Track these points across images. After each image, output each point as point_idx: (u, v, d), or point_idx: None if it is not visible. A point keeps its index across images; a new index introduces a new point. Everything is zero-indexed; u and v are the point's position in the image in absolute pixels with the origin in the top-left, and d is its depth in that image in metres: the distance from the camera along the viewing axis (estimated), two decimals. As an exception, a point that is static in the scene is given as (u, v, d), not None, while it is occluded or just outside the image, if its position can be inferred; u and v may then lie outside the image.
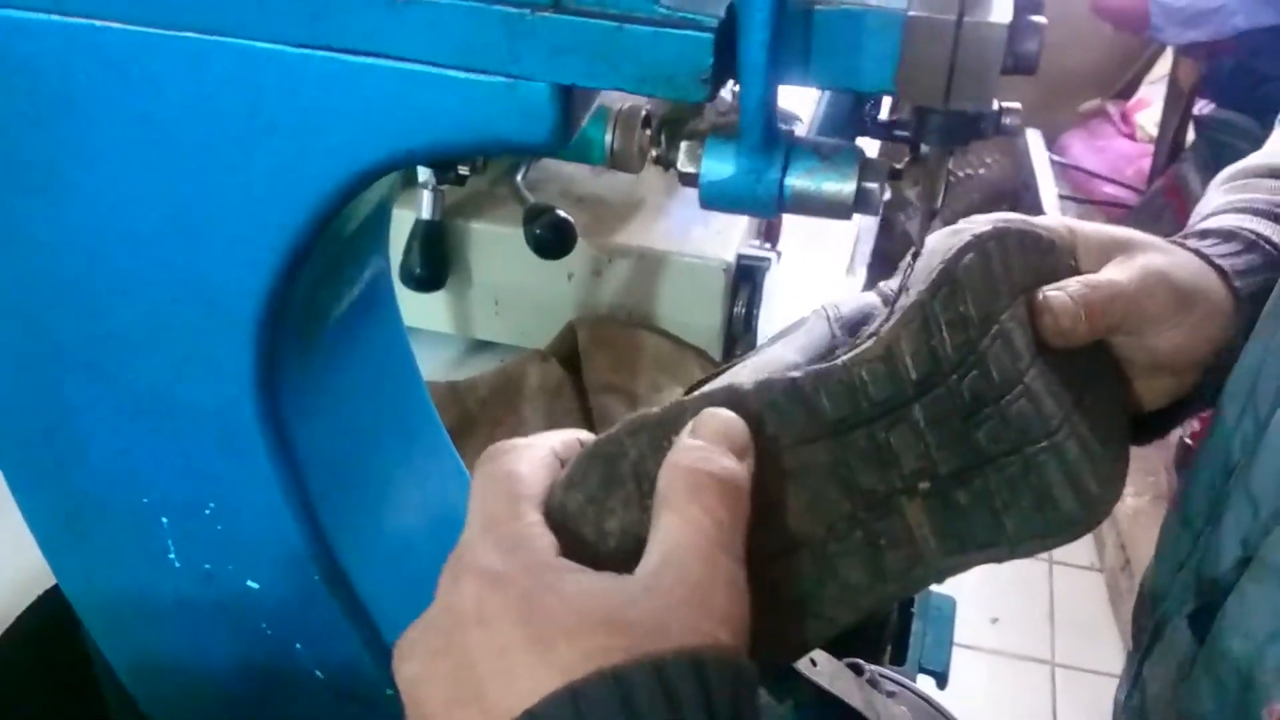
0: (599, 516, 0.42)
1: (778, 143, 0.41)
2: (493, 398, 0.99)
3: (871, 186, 0.42)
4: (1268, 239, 0.58)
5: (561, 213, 0.93)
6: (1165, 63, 2.98)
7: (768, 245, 1.05)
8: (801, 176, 0.41)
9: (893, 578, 0.45)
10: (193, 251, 0.46)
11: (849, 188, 0.41)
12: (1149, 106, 3.13)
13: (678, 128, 0.44)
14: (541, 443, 0.44)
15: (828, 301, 0.51)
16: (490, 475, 0.42)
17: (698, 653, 0.35)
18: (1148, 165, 2.95)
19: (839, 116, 1.07)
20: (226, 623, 0.58)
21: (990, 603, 2.35)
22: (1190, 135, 2.76)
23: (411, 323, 0.65)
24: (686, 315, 1.00)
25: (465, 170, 0.94)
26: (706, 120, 0.43)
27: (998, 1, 0.38)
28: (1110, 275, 0.54)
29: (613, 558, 0.39)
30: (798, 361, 0.46)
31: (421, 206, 0.96)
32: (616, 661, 0.34)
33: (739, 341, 1.00)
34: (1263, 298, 0.56)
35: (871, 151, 0.43)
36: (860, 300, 0.50)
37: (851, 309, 0.49)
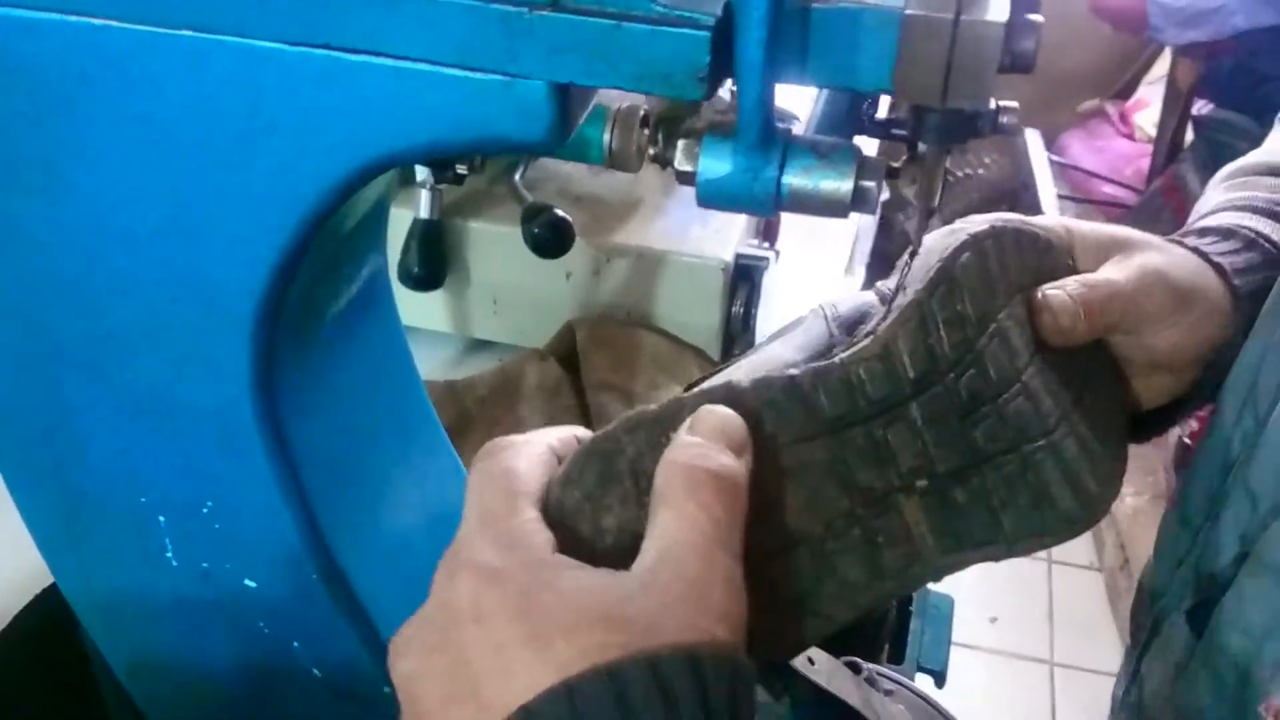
0: (596, 513, 0.42)
1: (775, 141, 0.41)
2: (491, 397, 0.99)
3: (869, 185, 0.42)
4: (1267, 237, 0.58)
5: (560, 212, 0.93)
6: (1164, 63, 2.98)
7: (766, 245, 1.05)
8: (799, 175, 0.41)
9: (890, 575, 0.45)
10: (191, 250, 0.46)
11: (846, 186, 0.41)
12: (1148, 106, 3.13)
13: (675, 126, 0.44)
14: (539, 439, 0.44)
15: (825, 301, 0.51)
16: (487, 472, 0.42)
17: (694, 649, 0.35)
18: (1146, 165, 2.95)
19: (836, 115, 1.07)
20: (224, 621, 0.58)
21: (989, 602, 2.35)
22: (1189, 135, 2.76)
23: (409, 322, 0.65)
24: (685, 314, 1.00)
25: (463, 169, 0.94)
26: (704, 118, 0.43)
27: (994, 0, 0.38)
28: (1108, 274, 0.54)
29: (609, 555, 0.39)
30: (795, 360, 0.46)
31: (420, 205, 0.96)
32: (612, 658, 0.34)
33: (737, 341, 1.00)
34: (1261, 295, 0.56)
35: (870, 150, 0.43)
36: (858, 299, 0.50)
37: (849, 308, 0.49)
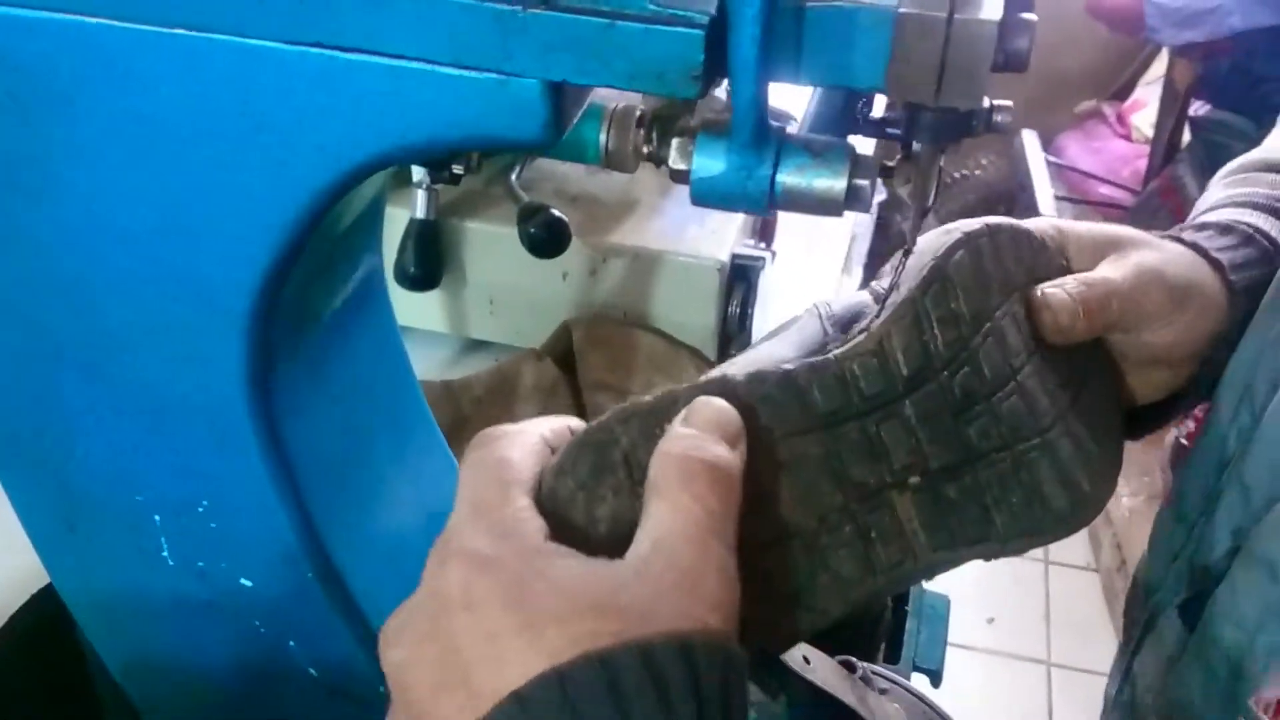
0: (589, 503, 0.42)
1: (769, 139, 0.41)
2: (487, 397, 0.99)
3: (863, 183, 0.42)
4: (1264, 232, 0.58)
5: (556, 212, 0.93)
6: (1161, 64, 2.98)
7: (763, 245, 1.04)
8: (793, 173, 0.41)
9: (883, 571, 0.45)
10: (185, 249, 0.46)
11: (840, 185, 0.42)
12: (1145, 107, 3.13)
13: (669, 124, 0.44)
14: (532, 429, 0.44)
15: (820, 300, 0.51)
16: (480, 461, 0.42)
17: (686, 637, 0.35)
18: (1143, 166, 2.95)
19: (831, 114, 1.07)
20: (220, 620, 0.58)
21: (986, 602, 2.35)
22: (1186, 136, 2.76)
23: (406, 322, 0.65)
24: (681, 314, 1.00)
25: (459, 169, 0.94)
26: (698, 117, 0.43)
27: (988, -2, 0.38)
28: (1105, 273, 0.54)
29: (602, 545, 0.39)
30: (790, 358, 0.46)
31: (416, 205, 0.96)
32: (604, 646, 0.34)
33: (734, 341, 1.00)
34: (1258, 291, 0.56)
35: (867, 149, 0.43)
36: (852, 299, 0.50)
37: (843, 307, 0.49)
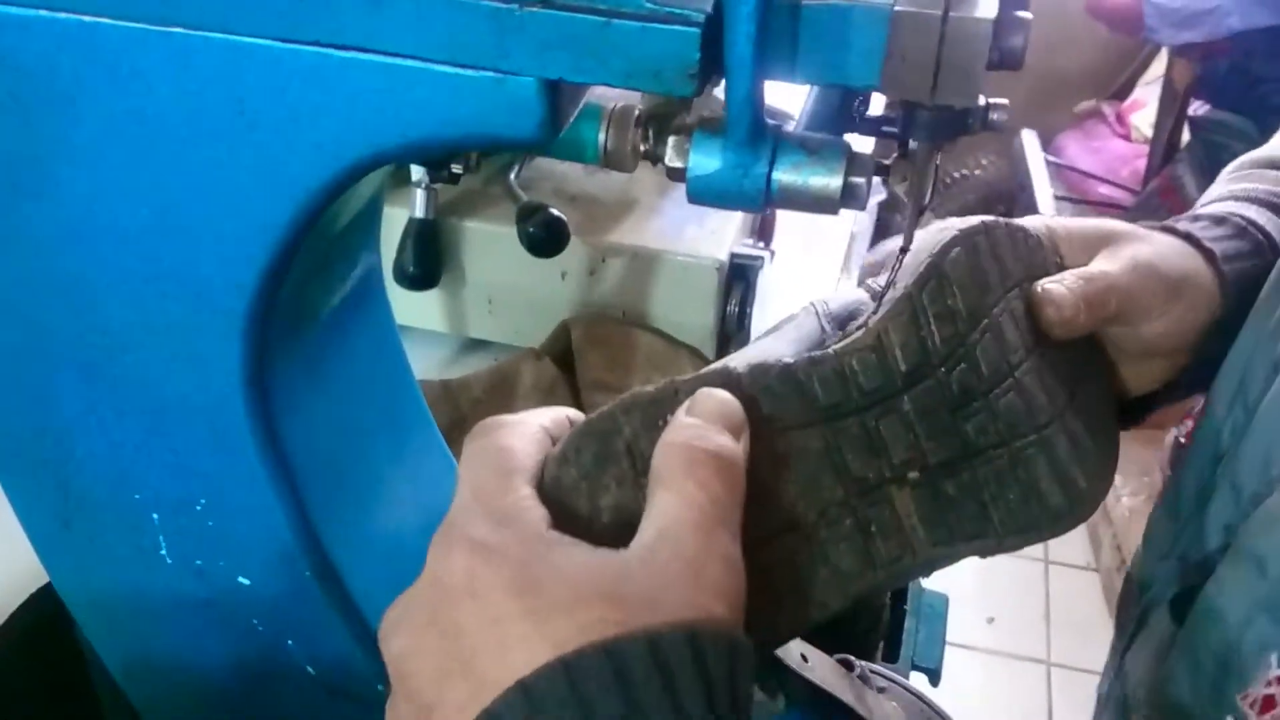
0: (592, 493, 0.42)
1: (765, 137, 0.41)
2: (486, 397, 0.99)
3: (858, 181, 0.42)
4: (1259, 225, 0.58)
5: (555, 211, 0.93)
6: (1160, 64, 2.98)
7: (761, 244, 1.04)
8: (788, 171, 0.42)
9: (882, 565, 0.46)
10: (181, 247, 0.46)
11: (836, 182, 0.42)
12: (1144, 107, 3.13)
13: (665, 123, 0.44)
14: (532, 419, 0.44)
15: (817, 298, 0.51)
16: (481, 449, 0.42)
17: (693, 626, 0.35)
18: (1143, 166, 2.95)
19: (827, 112, 1.07)
20: (218, 619, 0.58)
21: (986, 602, 2.35)
22: (1185, 136, 2.76)
23: (405, 321, 0.65)
24: (680, 314, 1.00)
25: (458, 169, 0.94)
26: (694, 115, 0.43)
27: (983, -4, 0.38)
28: (1102, 267, 0.54)
29: (605, 535, 0.39)
30: (788, 354, 0.46)
31: (415, 205, 0.96)
32: (610, 635, 0.34)
33: (732, 340, 1.00)
34: (1248, 281, 0.56)
35: (865, 148, 0.43)
36: (849, 296, 0.50)
37: (840, 305, 0.49)
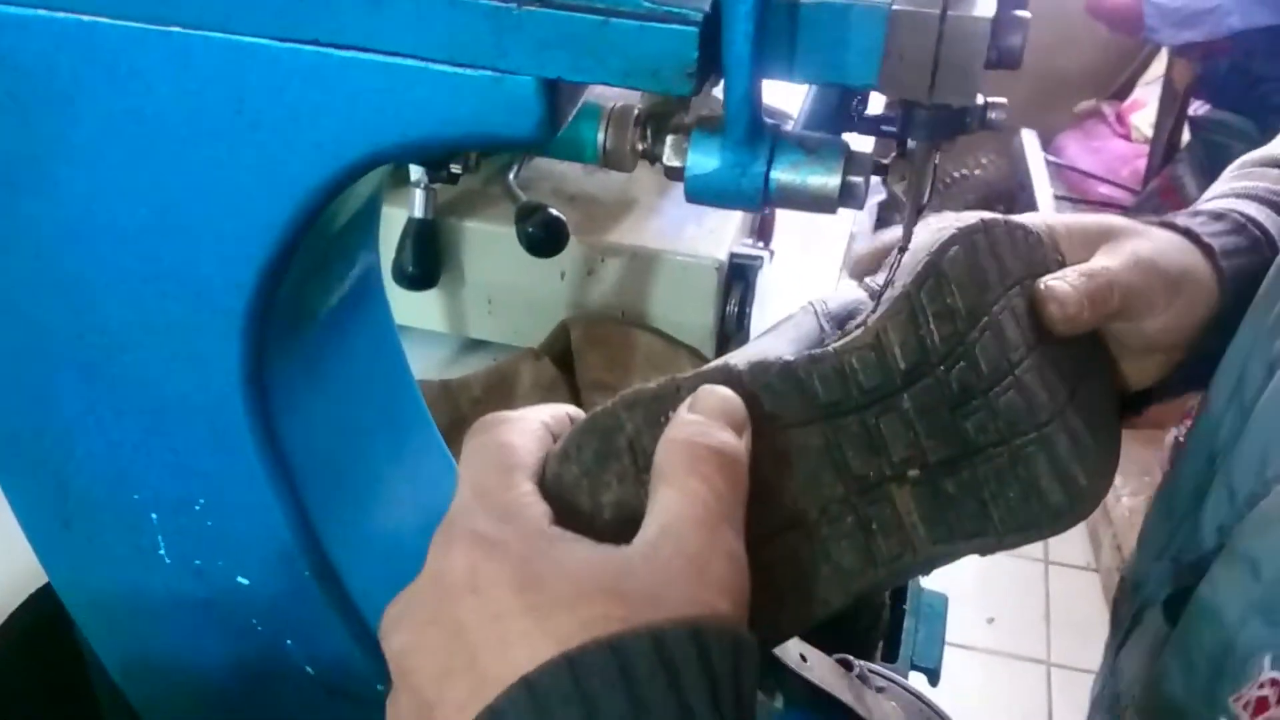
0: (594, 489, 0.42)
1: (763, 136, 0.41)
2: (486, 396, 0.99)
3: (856, 180, 0.42)
4: (1257, 222, 0.58)
5: (554, 211, 0.93)
6: (1160, 63, 2.98)
7: (761, 244, 1.05)
8: (786, 170, 0.42)
9: (883, 563, 0.46)
10: (180, 246, 0.46)
11: (834, 181, 0.42)
12: (1144, 107, 3.13)
13: (664, 122, 0.44)
14: (533, 415, 0.44)
15: (815, 298, 0.51)
16: (482, 446, 0.41)
17: (697, 622, 0.35)
18: (1143, 166, 2.96)
19: (826, 112, 1.07)
20: (217, 619, 0.58)
21: (986, 602, 2.35)
22: (1185, 136, 2.77)
23: (404, 321, 0.65)
24: (679, 314, 1.00)
25: (458, 169, 0.94)
26: (693, 114, 0.43)
27: (981, -5, 0.38)
28: (1103, 263, 0.54)
29: (607, 531, 0.39)
30: (788, 352, 0.46)
31: (414, 205, 0.96)
32: (614, 631, 0.34)
33: (731, 340, 1.00)
34: (1245, 278, 0.56)
35: (865, 147, 0.43)
36: (847, 296, 0.50)
37: (839, 304, 0.49)
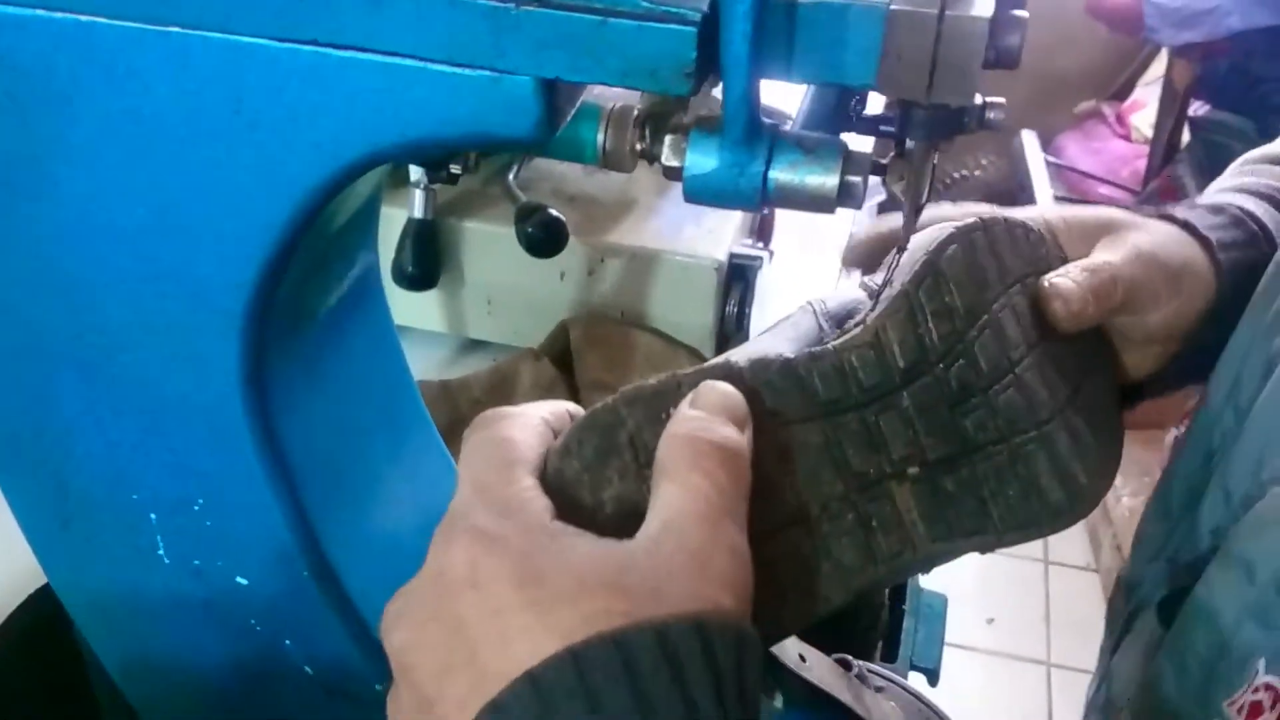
0: (595, 485, 0.42)
1: (761, 136, 0.41)
2: (485, 397, 0.99)
3: (855, 180, 0.42)
4: (1254, 216, 0.59)
5: (553, 211, 0.93)
6: (1160, 64, 2.98)
7: (760, 244, 1.05)
8: (785, 170, 0.42)
9: (883, 560, 0.46)
10: (179, 246, 0.46)
11: (832, 181, 0.42)
12: (1144, 108, 3.13)
13: (663, 122, 0.44)
14: (533, 411, 0.43)
15: (814, 297, 0.51)
16: (482, 441, 0.41)
17: (701, 618, 0.35)
18: (1143, 166, 2.96)
19: (824, 112, 1.07)
20: (216, 619, 0.58)
21: (986, 603, 2.35)
22: (1185, 136, 2.77)
23: (403, 321, 0.65)
24: (679, 314, 1.00)
25: (457, 169, 0.94)
26: (691, 114, 0.43)
27: (979, -5, 0.38)
28: (1105, 257, 0.54)
29: (608, 527, 0.39)
30: (788, 350, 0.46)
31: (413, 205, 0.96)
32: (617, 625, 0.34)
33: (731, 340, 1.00)
34: (1242, 271, 0.56)
35: (865, 147, 0.43)
36: (846, 295, 0.50)
37: (837, 304, 0.49)
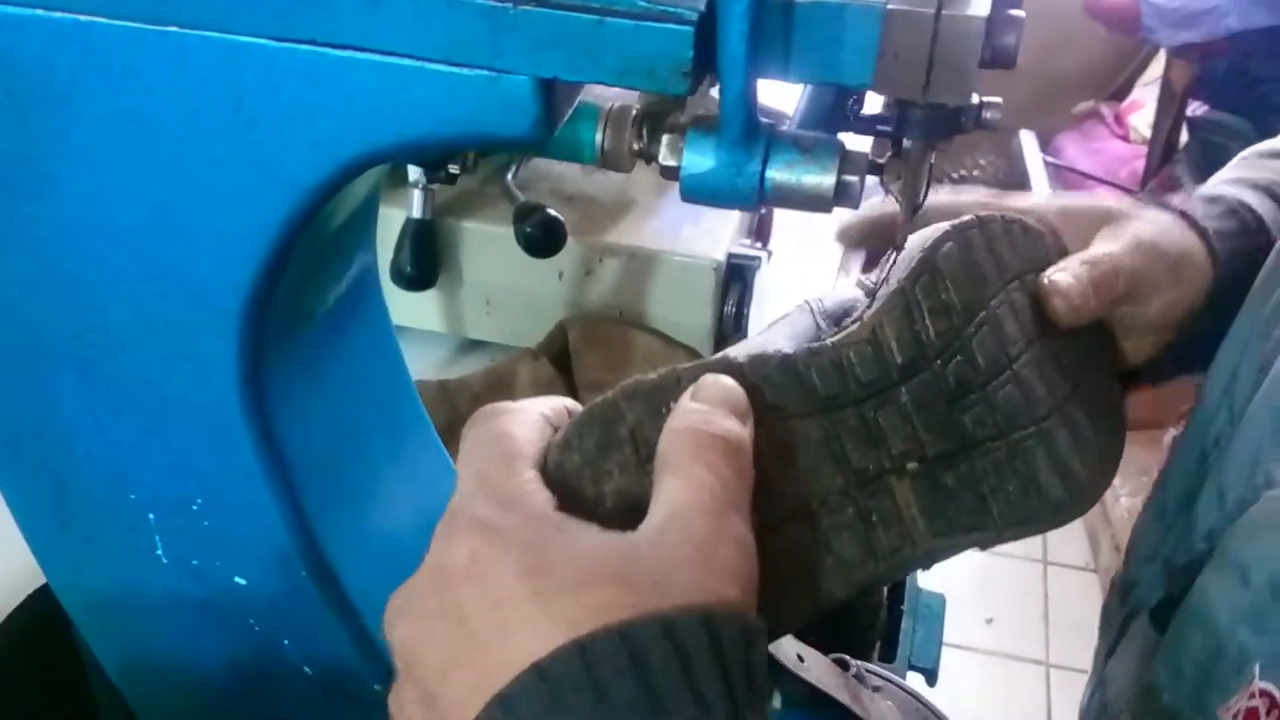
0: (596, 479, 0.42)
1: (758, 136, 0.41)
2: (484, 397, 0.99)
3: (851, 179, 0.42)
4: (1250, 207, 0.59)
5: (551, 211, 0.93)
6: (1159, 64, 2.98)
7: (759, 244, 1.05)
8: (781, 169, 0.42)
9: (883, 555, 0.46)
10: (177, 246, 0.46)
11: (829, 180, 0.42)
12: (1143, 108, 3.13)
13: (660, 121, 0.44)
14: (532, 406, 0.43)
15: (811, 296, 0.51)
16: (482, 435, 0.41)
17: (708, 609, 0.34)
18: (1141, 167, 2.96)
19: (821, 111, 1.07)
20: (214, 619, 0.58)
21: (985, 603, 2.35)
22: (1184, 137, 2.77)
23: (402, 321, 0.65)
24: (677, 314, 1.00)
25: (455, 169, 0.94)
26: (688, 114, 0.44)
27: (976, -6, 0.38)
28: (1106, 249, 0.54)
29: (608, 521, 0.39)
30: (786, 347, 0.46)
31: (412, 205, 0.96)
32: (623, 617, 0.34)
33: (729, 340, 1.00)
34: (1238, 261, 0.56)
35: (861, 147, 0.44)
36: (843, 294, 0.50)
37: (835, 303, 0.50)
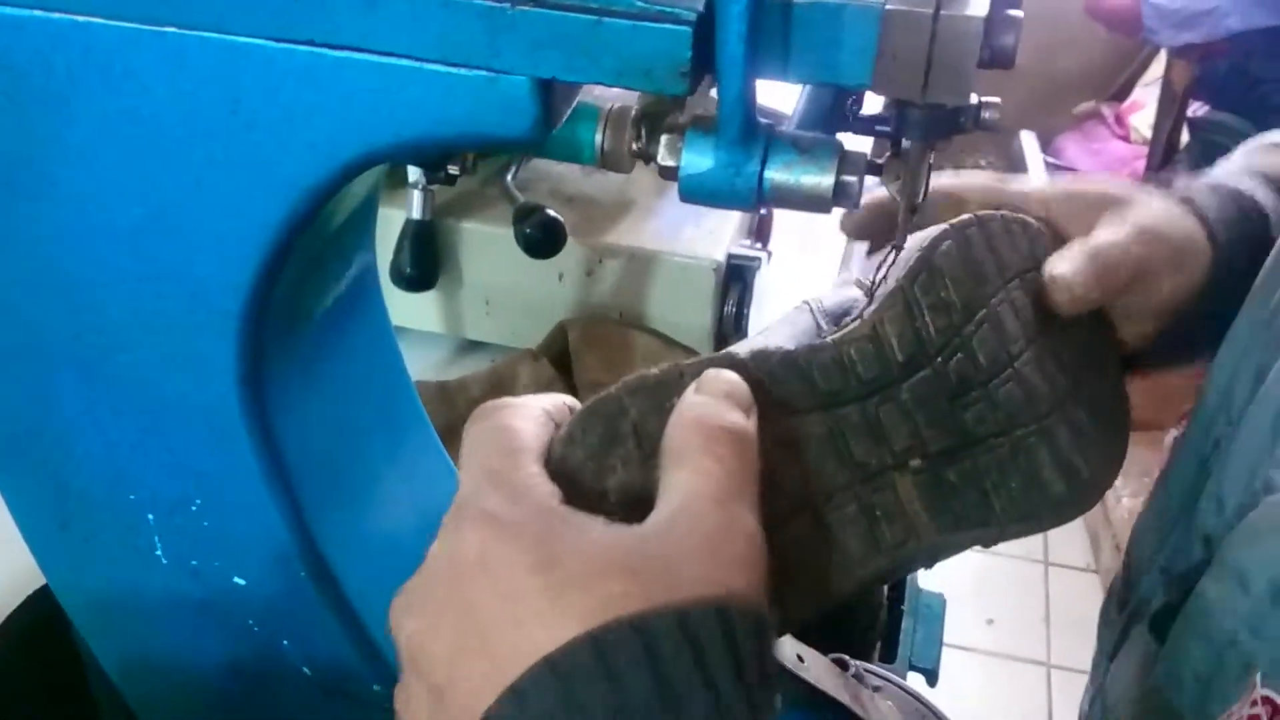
0: (599, 473, 0.42)
1: (757, 136, 0.41)
2: (483, 398, 0.98)
3: (850, 180, 0.42)
4: (1249, 196, 0.58)
5: (551, 212, 0.93)
6: (1159, 65, 2.98)
7: (758, 245, 1.05)
8: (780, 170, 0.42)
9: (887, 550, 0.46)
10: (176, 247, 0.46)
11: (827, 181, 0.42)
12: (1143, 108, 3.13)
13: (658, 122, 0.44)
14: (534, 402, 0.43)
15: (811, 296, 0.51)
16: (486, 430, 0.41)
17: (721, 600, 0.34)
18: (1142, 167, 2.95)
19: (820, 112, 1.07)
20: (214, 620, 0.58)
21: (986, 604, 2.35)
22: (1184, 137, 2.77)
23: (402, 322, 0.65)
24: (677, 315, 1.00)
25: (455, 170, 0.93)
26: (687, 114, 0.44)
27: (974, -5, 0.38)
28: (1109, 236, 0.54)
29: (613, 515, 0.39)
30: (787, 345, 0.47)
31: (412, 206, 0.96)
32: (635, 609, 0.34)
33: (729, 341, 1.00)
34: (1236, 247, 0.56)
35: (860, 147, 0.44)
36: (842, 293, 0.50)
37: (834, 302, 0.50)
